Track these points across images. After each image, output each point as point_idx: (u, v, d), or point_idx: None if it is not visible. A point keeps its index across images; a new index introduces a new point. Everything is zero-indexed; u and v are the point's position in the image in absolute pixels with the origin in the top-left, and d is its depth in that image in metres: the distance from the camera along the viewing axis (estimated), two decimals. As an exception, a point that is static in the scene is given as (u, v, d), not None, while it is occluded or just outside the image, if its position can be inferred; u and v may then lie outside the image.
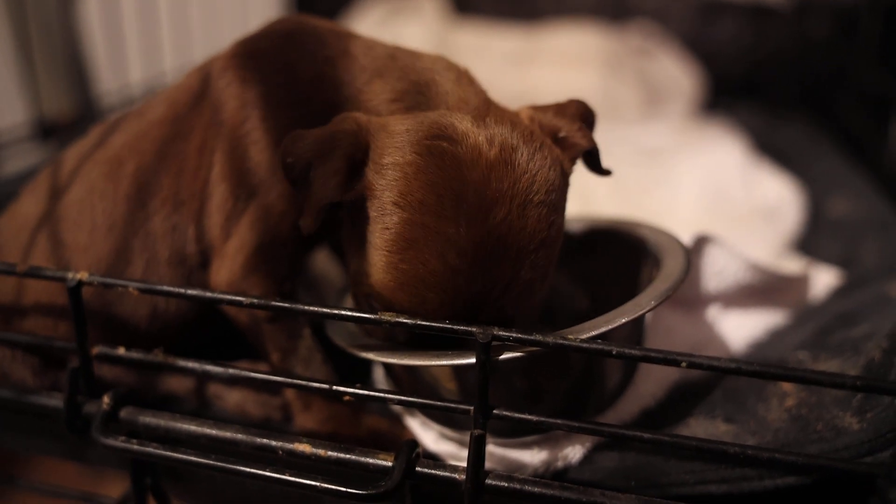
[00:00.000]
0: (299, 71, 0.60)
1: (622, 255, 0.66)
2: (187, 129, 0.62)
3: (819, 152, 1.32)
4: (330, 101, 0.59)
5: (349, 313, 0.49)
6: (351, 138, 0.52)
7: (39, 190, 0.66)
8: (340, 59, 0.60)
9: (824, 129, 1.47)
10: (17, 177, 0.98)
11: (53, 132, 1.09)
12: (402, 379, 0.59)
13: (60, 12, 1.19)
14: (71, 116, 1.18)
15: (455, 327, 0.46)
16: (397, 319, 0.47)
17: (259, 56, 0.61)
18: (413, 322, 0.47)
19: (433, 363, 0.53)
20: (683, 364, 0.43)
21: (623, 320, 0.51)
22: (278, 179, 0.57)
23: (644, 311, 0.52)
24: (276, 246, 0.58)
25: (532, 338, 0.45)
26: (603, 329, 0.50)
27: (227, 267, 0.58)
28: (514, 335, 0.45)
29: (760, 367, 0.43)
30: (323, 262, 0.79)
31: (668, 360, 0.43)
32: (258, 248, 0.57)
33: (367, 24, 1.69)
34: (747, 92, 1.64)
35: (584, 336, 0.50)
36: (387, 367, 0.62)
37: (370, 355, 0.56)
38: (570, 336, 0.45)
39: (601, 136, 0.63)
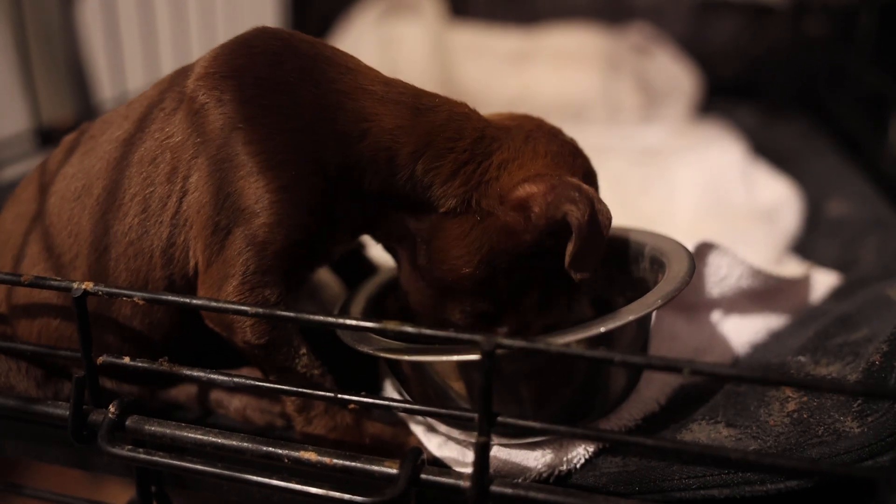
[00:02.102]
0: (297, 95, 0.57)
1: (625, 262, 0.66)
2: (156, 152, 0.58)
3: (817, 152, 1.33)
4: (343, 134, 0.57)
5: (353, 322, 0.49)
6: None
7: (18, 204, 0.65)
8: (357, 93, 0.58)
9: (822, 128, 1.47)
10: (16, 183, 0.98)
11: (54, 139, 1.10)
12: (409, 378, 0.60)
13: (59, 20, 1.20)
14: (71, 123, 1.18)
15: (459, 335, 0.46)
16: (402, 328, 0.48)
17: (241, 73, 0.57)
18: (417, 330, 0.47)
19: (439, 359, 0.53)
20: (686, 371, 0.43)
21: (630, 318, 0.52)
22: (262, 207, 0.55)
23: (651, 309, 0.53)
24: (260, 274, 0.56)
25: (535, 345, 0.45)
26: (610, 326, 0.51)
27: (212, 297, 0.56)
28: (518, 343, 0.45)
29: (762, 373, 0.43)
30: (324, 271, 0.79)
31: (670, 367, 0.44)
32: (244, 279, 0.56)
33: (364, 25, 1.69)
34: (745, 92, 1.64)
35: (591, 333, 0.50)
36: (394, 366, 0.62)
37: (377, 352, 0.56)
38: (573, 341, 0.46)
39: (600, 137, 0.64)
